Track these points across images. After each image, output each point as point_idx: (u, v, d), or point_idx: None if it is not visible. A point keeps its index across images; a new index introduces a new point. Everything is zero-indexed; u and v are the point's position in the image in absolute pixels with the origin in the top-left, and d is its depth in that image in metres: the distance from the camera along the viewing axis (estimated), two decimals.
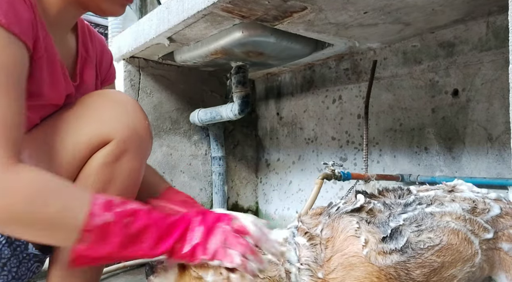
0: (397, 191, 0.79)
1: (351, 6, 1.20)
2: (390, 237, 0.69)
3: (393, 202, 0.76)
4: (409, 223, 0.71)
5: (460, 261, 0.71)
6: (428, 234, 0.70)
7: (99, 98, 0.84)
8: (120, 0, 0.81)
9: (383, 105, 1.68)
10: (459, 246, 0.71)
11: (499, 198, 0.80)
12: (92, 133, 0.79)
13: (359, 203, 0.75)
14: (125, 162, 0.81)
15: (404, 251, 0.69)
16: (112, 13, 0.83)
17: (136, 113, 0.84)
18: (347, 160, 1.82)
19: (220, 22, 1.37)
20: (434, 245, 0.70)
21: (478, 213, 0.74)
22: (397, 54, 1.62)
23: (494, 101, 1.34)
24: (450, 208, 0.74)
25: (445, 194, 0.78)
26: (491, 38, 1.34)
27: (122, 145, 0.80)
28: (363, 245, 0.69)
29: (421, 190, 0.80)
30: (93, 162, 0.79)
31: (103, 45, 1.03)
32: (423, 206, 0.74)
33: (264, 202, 2.31)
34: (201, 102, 2.11)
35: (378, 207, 0.75)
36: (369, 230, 0.70)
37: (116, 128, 0.80)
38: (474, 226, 0.73)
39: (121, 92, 0.89)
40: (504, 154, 1.31)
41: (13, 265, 0.81)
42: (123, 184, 0.82)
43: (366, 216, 0.73)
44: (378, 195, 0.79)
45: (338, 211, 0.75)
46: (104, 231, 0.61)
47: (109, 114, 0.81)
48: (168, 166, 1.99)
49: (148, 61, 1.94)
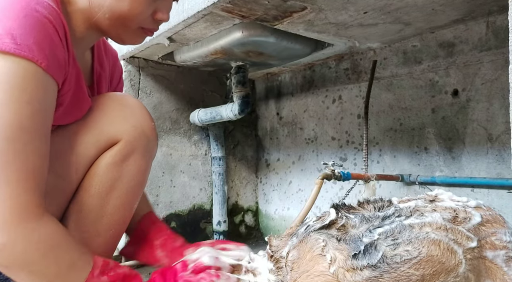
0: (378, 203, 0.78)
1: (351, 6, 1.20)
2: (363, 253, 0.67)
3: (371, 215, 0.74)
4: (385, 237, 0.69)
5: (443, 272, 0.68)
6: (406, 247, 0.68)
7: (107, 100, 0.86)
8: (141, 33, 0.83)
9: (383, 105, 1.68)
10: (441, 257, 0.68)
11: (479, 205, 0.78)
12: (101, 134, 0.81)
13: (328, 219, 0.74)
14: (132, 162, 0.83)
15: (377, 266, 0.66)
16: (132, 43, 0.85)
17: (143, 115, 0.87)
18: (347, 160, 1.82)
19: (220, 22, 1.37)
20: (412, 258, 0.67)
21: (459, 222, 0.73)
22: (397, 54, 1.62)
23: (494, 101, 1.34)
24: (430, 218, 0.72)
25: (426, 203, 0.77)
26: (491, 38, 1.34)
27: (130, 145, 0.82)
28: (329, 263, 0.67)
29: (402, 201, 0.79)
30: (101, 161, 0.81)
31: (115, 58, 1.05)
32: (402, 218, 0.72)
33: (264, 202, 2.31)
34: (201, 102, 2.12)
35: (352, 222, 0.73)
36: (336, 247, 0.69)
37: (123, 129, 0.82)
38: (457, 235, 0.71)
39: (128, 95, 0.92)
40: (504, 154, 1.31)
41: None
42: (129, 183, 0.84)
43: (336, 233, 0.72)
44: (358, 207, 0.78)
45: (307, 230, 0.74)
46: None
47: (117, 115, 0.84)
48: (168, 166, 1.99)
49: (148, 61, 1.94)
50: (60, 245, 0.65)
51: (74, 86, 0.77)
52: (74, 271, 0.67)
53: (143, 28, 0.82)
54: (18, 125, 0.61)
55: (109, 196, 0.81)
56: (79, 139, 0.80)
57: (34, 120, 0.64)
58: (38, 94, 0.64)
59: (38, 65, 0.63)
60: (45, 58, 0.64)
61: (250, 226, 2.31)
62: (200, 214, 2.10)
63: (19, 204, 0.60)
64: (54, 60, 0.67)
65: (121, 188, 0.82)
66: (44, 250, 0.63)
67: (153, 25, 0.82)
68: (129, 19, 0.77)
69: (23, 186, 0.61)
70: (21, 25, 0.62)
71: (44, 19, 0.65)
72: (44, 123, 0.67)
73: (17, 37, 0.62)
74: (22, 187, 0.61)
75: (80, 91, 0.81)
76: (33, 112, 0.63)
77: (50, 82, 0.67)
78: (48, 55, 0.65)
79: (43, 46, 0.64)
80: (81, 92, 0.81)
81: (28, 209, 0.61)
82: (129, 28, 0.79)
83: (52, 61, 0.66)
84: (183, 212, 2.05)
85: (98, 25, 0.79)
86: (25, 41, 0.62)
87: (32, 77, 0.63)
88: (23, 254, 0.61)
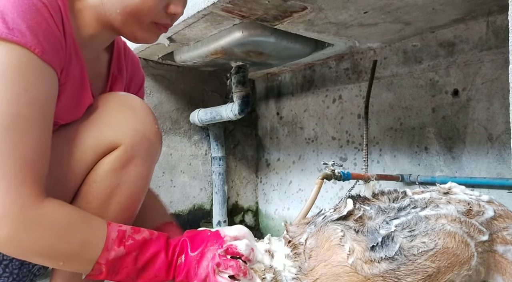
0: (392, 194, 0.77)
1: (351, 6, 1.20)
2: (381, 245, 0.67)
3: (386, 206, 0.74)
4: (402, 229, 0.69)
5: (457, 265, 0.69)
6: (422, 239, 0.68)
7: (109, 101, 0.82)
8: (155, 29, 0.79)
9: (384, 104, 1.67)
10: (455, 249, 0.69)
11: (491, 200, 0.79)
12: (100, 138, 0.77)
13: (346, 210, 0.73)
14: (132, 168, 0.79)
15: (395, 258, 0.66)
16: (146, 41, 0.82)
17: (146, 117, 0.82)
18: (347, 159, 1.82)
19: (220, 22, 1.37)
20: (429, 249, 0.67)
21: (473, 215, 0.73)
22: (397, 53, 1.62)
23: (494, 100, 1.33)
24: (446, 210, 0.72)
25: (441, 196, 0.77)
26: (491, 38, 1.34)
27: (130, 150, 0.78)
28: (348, 254, 0.67)
29: (416, 192, 0.79)
30: (100, 167, 0.78)
31: (136, 65, 1.01)
32: (417, 210, 0.72)
33: (264, 202, 2.31)
34: (201, 102, 2.11)
35: (369, 213, 0.73)
36: (354, 239, 0.69)
37: (124, 133, 0.78)
38: (470, 228, 0.71)
39: (132, 95, 0.86)
40: (504, 154, 1.31)
41: (15, 267, 0.81)
42: (129, 190, 0.80)
43: (354, 224, 0.71)
44: (373, 198, 0.78)
45: (324, 220, 0.74)
46: (116, 264, 0.67)
47: (118, 118, 0.79)
48: (168, 166, 1.99)
49: (148, 61, 1.93)
50: (67, 227, 0.64)
51: (74, 78, 0.74)
52: (88, 248, 0.65)
53: (157, 23, 0.78)
54: (15, 114, 0.59)
55: (108, 203, 0.78)
56: (78, 143, 0.77)
57: (32, 109, 0.61)
58: (35, 81, 0.62)
59: (31, 51, 0.61)
60: (39, 44, 0.62)
61: (250, 226, 2.30)
62: (200, 214, 2.10)
63: (19, 195, 0.59)
64: (50, 46, 0.64)
65: (120, 194, 0.79)
66: (50, 235, 0.62)
67: (166, 20, 0.78)
68: (142, 13, 0.74)
69: (23, 176, 0.60)
70: (13, 9, 0.60)
71: (39, 2, 0.63)
72: (44, 112, 0.64)
73: (9, 22, 0.59)
74: (21, 178, 0.60)
75: (82, 86, 0.77)
76: (31, 100, 0.61)
77: (48, 70, 0.64)
78: (42, 41, 0.62)
79: (37, 31, 0.62)
80: (83, 87, 0.77)
81: (28, 200, 0.60)
82: (142, 23, 0.76)
83: (47, 47, 0.63)
84: (183, 212, 2.05)
85: (110, 22, 0.76)
86: (18, 25, 0.59)
87: (27, 64, 0.61)
88: (30, 243, 0.61)
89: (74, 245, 0.64)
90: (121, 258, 0.67)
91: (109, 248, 0.66)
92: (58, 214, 0.64)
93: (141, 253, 0.69)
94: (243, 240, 0.72)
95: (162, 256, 0.70)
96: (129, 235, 0.69)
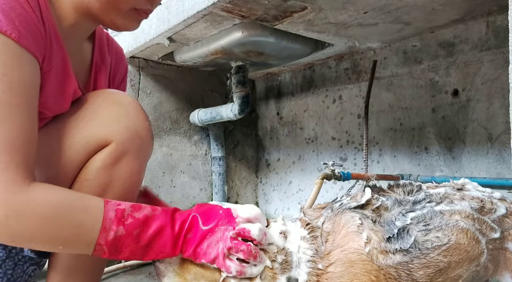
0: (407, 187, 0.78)
1: (351, 6, 1.20)
2: (396, 237, 0.68)
3: (401, 199, 0.75)
4: (417, 222, 0.70)
5: (467, 261, 0.70)
6: (436, 233, 0.69)
7: (98, 98, 0.82)
8: (135, 15, 0.78)
9: (383, 104, 1.67)
10: (467, 245, 0.69)
11: (504, 197, 0.79)
12: (90, 136, 0.77)
13: (364, 199, 0.74)
14: (124, 165, 0.79)
15: (409, 251, 0.67)
16: (126, 29, 0.80)
17: (136, 114, 0.82)
18: (347, 160, 1.82)
19: (220, 22, 1.37)
20: (442, 244, 0.68)
21: (486, 212, 0.74)
22: (397, 53, 1.62)
23: (494, 100, 1.34)
24: (460, 207, 0.73)
25: (454, 191, 0.77)
26: (491, 38, 1.34)
27: (121, 147, 0.78)
28: (366, 242, 0.68)
29: (430, 187, 0.79)
30: (91, 165, 0.77)
31: (120, 56, 1.00)
32: (433, 204, 0.73)
33: (264, 202, 2.31)
34: (201, 102, 2.12)
35: (385, 204, 0.73)
36: (372, 228, 0.69)
37: (115, 130, 0.78)
38: (482, 225, 0.72)
39: (122, 92, 0.86)
40: (504, 154, 1.31)
41: (8, 267, 0.80)
42: (122, 187, 0.80)
43: (371, 214, 0.72)
44: (388, 190, 0.78)
45: (341, 207, 0.74)
46: (117, 244, 0.65)
47: (108, 115, 0.79)
48: (168, 166, 1.99)
49: (148, 61, 1.94)
50: (58, 210, 0.62)
51: (57, 66, 0.73)
52: (84, 230, 0.63)
53: (137, 9, 0.77)
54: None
55: None
56: (69, 141, 0.76)
57: (13, 94, 0.60)
58: (13, 67, 0.60)
59: (7, 36, 0.59)
60: (15, 29, 0.60)
61: None
62: None
63: (4, 180, 0.58)
64: (27, 32, 0.62)
65: (113, 191, 0.79)
66: (40, 219, 0.60)
67: (146, 5, 0.77)
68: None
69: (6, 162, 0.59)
70: None
71: None
72: (26, 97, 0.62)
73: None
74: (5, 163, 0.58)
75: (66, 74, 0.76)
76: (10, 86, 0.59)
77: (26, 55, 0.63)
78: (19, 26, 0.61)
79: (12, 17, 0.60)
80: (66, 75, 0.76)
81: (14, 184, 0.59)
82: (122, 10, 0.75)
83: (24, 32, 0.62)
84: None
85: (89, 11, 0.75)
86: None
87: (3, 49, 0.59)
88: (20, 229, 0.59)
89: (68, 228, 0.62)
90: (121, 237, 0.65)
91: (107, 229, 0.64)
92: (46, 197, 0.62)
93: (143, 231, 0.66)
94: (256, 224, 0.70)
95: (167, 231, 0.68)
96: (128, 214, 0.66)
